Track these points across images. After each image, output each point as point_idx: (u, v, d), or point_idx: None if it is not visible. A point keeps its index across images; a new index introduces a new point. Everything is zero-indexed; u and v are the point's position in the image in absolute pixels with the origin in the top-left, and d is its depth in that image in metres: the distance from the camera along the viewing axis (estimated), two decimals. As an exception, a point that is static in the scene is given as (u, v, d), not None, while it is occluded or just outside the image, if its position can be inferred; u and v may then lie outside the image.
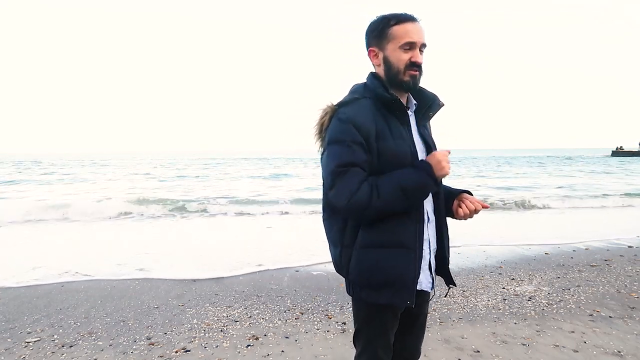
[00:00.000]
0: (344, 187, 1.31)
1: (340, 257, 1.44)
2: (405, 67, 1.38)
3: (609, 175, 24.14)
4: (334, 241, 1.47)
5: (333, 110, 1.39)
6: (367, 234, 1.38)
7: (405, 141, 1.40)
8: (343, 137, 1.33)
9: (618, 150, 62.93)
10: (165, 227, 8.18)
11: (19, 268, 4.95)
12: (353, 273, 1.40)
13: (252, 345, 2.88)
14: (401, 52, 1.37)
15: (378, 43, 1.42)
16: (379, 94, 1.40)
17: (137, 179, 22.93)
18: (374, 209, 1.30)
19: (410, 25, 1.36)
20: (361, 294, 1.42)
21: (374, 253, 1.37)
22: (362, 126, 1.33)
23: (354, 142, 1.32)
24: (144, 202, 11.13)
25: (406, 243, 1.38)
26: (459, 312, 3.46)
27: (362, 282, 1.40)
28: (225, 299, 3.85)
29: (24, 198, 13.72)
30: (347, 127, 1.33)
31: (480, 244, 6.09)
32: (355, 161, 1.32)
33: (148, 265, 5.15)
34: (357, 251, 1.39)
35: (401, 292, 1.37)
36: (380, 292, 1.38)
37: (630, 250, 5.61)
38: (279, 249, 6.03)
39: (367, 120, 1.34)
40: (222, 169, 35.16)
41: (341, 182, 1.31)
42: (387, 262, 1.36)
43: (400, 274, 1.37)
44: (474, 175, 25.45)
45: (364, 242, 1.38)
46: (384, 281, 1.37)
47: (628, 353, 2.66)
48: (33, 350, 2.83)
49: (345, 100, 1.41)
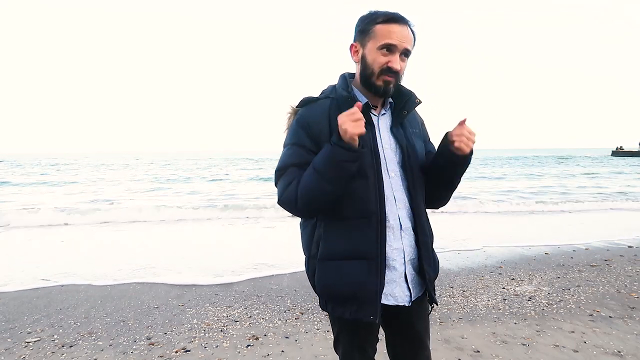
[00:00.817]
0: (280, 186, 1.33)
1: (307, 267, 1.43)
2: (380, 71, 1.30)
3: (608, 175, 24.14)
4: (304, 249, 1.45)
5: (295, 112, 1.40)
6: (327, 244, 1.33)
7: (365, 142, 1.30)
8: (288, 141, 1.36)
9: (618, 150, 62.93)
10: (165, 230, 8.18)
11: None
12: (318, 286, 1.37)
13: (252, 345, 2.88)
14: (379, 53, 1.29)
15: (361, 39, 1.34)
16: (338, 92, 1.37)
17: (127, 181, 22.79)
18: (303, 199, 1.27)
19: (396, 27, 1.27)
20: (327, 307, 1.39)
21: (334, 265, 1.32)
22: (313, 126, 1.32)
23: (296, 144, 1.33)
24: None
25: (366, 253, 1.30)
26: (459, 312, 3.46)
27: (326, 295, 1.36)
28: (225, 299, 3.85)
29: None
30: (295, 129, 1.34)
31: (480, 244, 6.08)
32: (293, 162, 1.32)
33: (148, 269, 5.15)
34: (319, 263, 1.35)
35: (365, 306, 1.30)
36: (345, 306, 1.33)
37: (630, 250, 5.61)
38: (279, 250, 6.03)
39: (321, 120, 1.32)
40: (222, 169, 35.17)
41: (279, 183, 1.34)
42: (348, 275, 1.30)
43: (362, 286, 1.29)
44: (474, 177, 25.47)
45: (323, 254, 1.34)
46: (346, 295, 1.31)
47: (628, 353, 2.66)
48: (33, 350, 2.83)
49: (303, 102, 1.40)
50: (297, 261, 5.17)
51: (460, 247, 5.92)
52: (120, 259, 5.45)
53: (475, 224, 8.26)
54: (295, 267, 4.86)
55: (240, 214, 9.92)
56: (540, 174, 25.91)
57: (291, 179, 1.30)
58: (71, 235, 7.30)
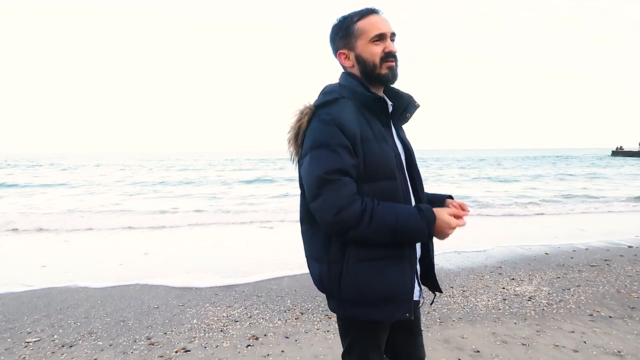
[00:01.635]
0: (332, 199, 1.19)
1: (328, 273, 1.30)
2: (381, 60, 1.30)
3: (608, 175, 24.14)
4: (317, 256, 1.34)
5: (312, 112, 1.27)
6: (361, 247, 1.26)
7: (389, 144, 1.31)
8: (328, 141, 1.21)
9: (618, 150, 62.91)
10: (165, 234, 8.18)
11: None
12: (347, 291, 1.28)
13: (252, 345, 2.87)
14: (373, 45, 1.30)
15: (346, 44, 1.34)
16: (359, 92, 1.31)
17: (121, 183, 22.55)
18: (360, 234, 1.20)
19: (375, 17, 1.31)
20: (356, 312, 1.31)
21: (371, 267, 1.26)
22: (347, 128, 1.23)
23: (340, 145, 1.21)
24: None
25: (401, 253, 1.29)
26: (459, 312, 3.46)
27: (358, 299, 1.28)
28: (225, 299, 3.85)
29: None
30: (331, 129, 1.22)
31: (480, 244, 6.08)
32: (344, 167, 1.20)
33: (148, 271, 5.15)
34: (351, 267, 1.26)
35: (401, 304, 1.30)
36: (378, 308, 1.29)
37: (630, 250, 5.60)
38: (279, 250, 6.03)
39: (352, 121, 1.25)
40: (222, 170, 35.17)
41: (329, 192, 1.19)
42: (386, 275, 1.27)
43: (399, 285, 1.29)
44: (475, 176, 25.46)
45: (357, 257, 1.26)
46: (383, 296, 1.28)
47: (628, 353, 2.65)
48: (33, 350, 2.83)
49: (325, 101, 1.29)
50: (297, 261, 5.17)
51: (461, 247, 5.92)
52: (123, 260, 5.45)
53: (475, 224, 8.25)
54: (295, 267, 4.86)
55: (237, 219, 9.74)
56: (541, 174, 25.90)
57: (348, 195, 1.19)
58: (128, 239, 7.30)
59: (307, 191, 1.26)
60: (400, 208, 1.24)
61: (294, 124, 1.30)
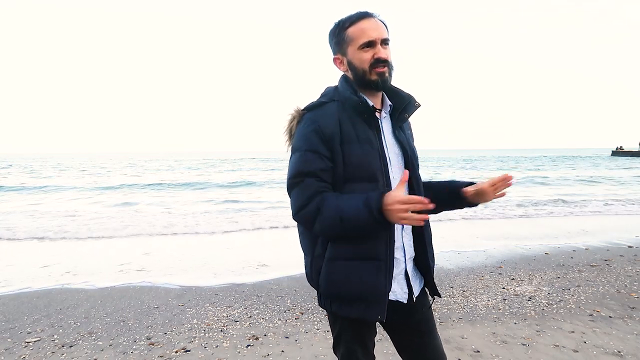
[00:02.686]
0: (295, 199, 1.31)
1: (310, 268, 1.40)
2: (370, 66, 1.32)
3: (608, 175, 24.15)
4: (306, 250, 1.43)
5: (300, 115, 1.36)
6: (336, 245, 1.32)
7: (373, 145, 1.33)
8: (301, 145, 1.31)
9: (618, 150, 62.91)
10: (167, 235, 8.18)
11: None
12: (323, 286, 1.35)
13: (252, 345, 2.88)
14: (361, 52, 1.32)
15: (339, 49, 1.38)
16: (346, 97, 1.35)
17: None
18: (319, 228, 1.28)
19: (365, 23, 1.31)
20: (332, 307, 1.38)
21: (344, 266, 1.32)
22: (324, 131, 1.29)
23: (311, 150, 1.29)
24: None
25: (377, 254, 1.31)
26: (459, 312, 3.46)
27: (333, 295, 1.35)
28: (225, 299, 3.85)
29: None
30: (307, 134, 1.30)
31: (480, 244, 6.08)
32: (309, 170, 1.28)
33: (148, 271, 5.15)
34: (327, 263, 1.33)
35: (373, 306, 1.31)
36: (351, 306, 1.33)
37: (630, 250, 5.60)
38: (280, 250, 6.03)
39: (331, 124, 1.30)
40: (223, 170, 35.15)
41: (294, 193, 1.31)
42: (358, 275, 1.31)
43: (372, 287, 1.31)
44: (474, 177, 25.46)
45: (333, 254, 1.33)
46: (355, 295, 1.32)
47: (628, 353, 2.66)
48: (33, 350, 2.83)
49: (311, 105, 1.37)
50: (297, 262, 5.17)
51: (461, 247, 5.92)
52: (121, 260, 5.45)
53: (475, 224, 8.25)
54: (295, 267, 4.86)
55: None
56: (542, 175, 25.91)
57: (309, 194, 1.28)
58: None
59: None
60: (346, 199, 1.26)
61: (286, 127, 1.40)
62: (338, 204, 1.26)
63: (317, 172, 1.28)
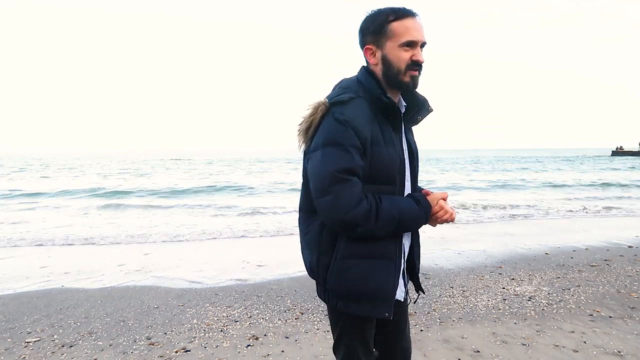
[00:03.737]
0: (343, 199, 1.22)
1: (317, 264, 1.36)
2: (407, 67, 1.29)
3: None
4: (310, 246, 1.39)
5: (327, 109, 1.27)
6: (350, 244, 1.30)
7: (396, 148, 1.33)
8: (342, 140, 1.23)
9: (618, 150, 62.90)
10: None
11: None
12: (332, 282, 1.33)
13: (252, 345, 2.87)
14: (401, 50, 1.28)
15: (375, 40, 1.31)
16: (376, 96, 1.30)
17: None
18: (367, 230, 1.25)
19: (410, 22, 1.27)
20: (338, 304, 1.36)
21: (356, 264, 1.31)
22: (360, 130, 1.24)
23: (353, 146, 1.23)
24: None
25: (389, 254, 1.33)
26: (459, 312, 3.46)
27: (342, 292, 1.34)
28: (225, 299, 3.85)
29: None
30: (345, 130, 1.23)
31: (480, 244, 6.08)
32: (354, 168, 1.23)
33: (148, 271, 5.15)
34: (338, 261, 1.31)
35: (381, 304, 1.33)
36: (359, 304, 1.33)
37: (630, 250, 5.60)
38: (280, 250, 6.03)
39: (365, 123, 1.26)
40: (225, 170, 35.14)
41: (340, 191, 1.22)
42: (370, 274, 1.31)
43: (382, 286, 1.32)
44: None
45: (345, 253, 1.31)
46: (364, 293, 1.32)
47: (628, 353, 2.65)
48: (33, 350, 2.83)
49: (340, 99, 1.28)
50: (297, 262, 5.17)
51: (461, 247, 5.92)
52: (120, 260, 5.45)
53: (475, 225, 8.25)
54: (295, 267, 4.86)
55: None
56: (542, 174, 25.89)
57: (357, 196, 1.23)
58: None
59: (316, 186, 1.27)
60: (402, 202, 1.31)
61: (306, 117, 1.30)
62: (393, 206, 1.28)
63: (359, 171, 1.25)
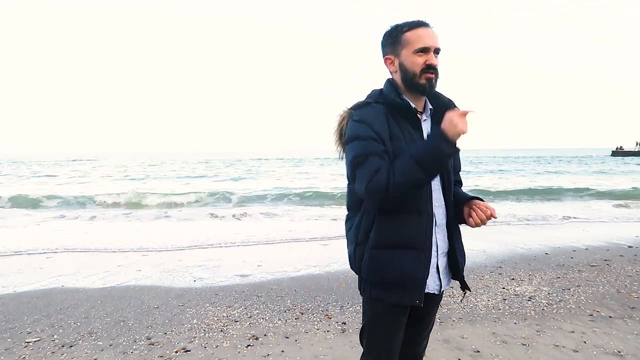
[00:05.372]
0: (362, 173, 1.36)
1: (354, 255, 1.50)
2: (421, 71, 1.42)
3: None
4: (350, 239, 1.53)
5: (349, 114, 1.46)
6: (380, 234, 1.42)
7: (417, 144, 1.43)
8: (358, 134, 1.40)
9: (618, 150, 62.89)
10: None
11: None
12: (365, 271, 1.45)
13: (252, 345, 2.88)
14: (415, 56, 1.41)
15: (393, 50, 1.47)
16: (390, 99, 1.44)
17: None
18: (393, 188, 1.32)
19: (422, 31, 1.42)
20: (371, 292, 1.47)
21: (386, 253, 1.42)
22: (375, 125, 1.39)
23: (369, 137, 1.38)
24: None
25: (417, 244, 1.42)
26: (459, 312, 3.46)
27: (374, 280, 1.45)
28: (225, 299, 3.85)
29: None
30: (361, 126, 1.40)
31: (480, 244, 6.08)
32: (371, 152, 1.36)
33: (148, 271, 5.15)
34: (370, 251, 1.44)
35: (411, 292, 1.42)
36: (390, 291, 1.44)
37: (630, 250, 5.61)
38: (280, 250, 6.03)
39: (380, 123, 1.40)
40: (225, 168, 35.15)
41: (360, 170, 1.37)
42: (399, 263, 1.41)
43: (411, 274, 1.42)
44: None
45: (376, 242, 1.43)
46: (395, 281, 1.42)
47: (628, 353, 2.66)
48: (33, 350, 2.83)
49: (358, 104, 1.48)
50: (297, 261, 5.17)
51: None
52: (119, 259, 5.45)
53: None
54: (295, 267, 4.86)
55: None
56: (543, 174, 25.89)
57: (377, 166, 1.34)
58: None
59: (348, 175, 1.47)
60: (411, 147, 1.39)
61: (336, 127, 1.50)
62: (404, 155, 1.35)
63: (380, 153, 1.37)
